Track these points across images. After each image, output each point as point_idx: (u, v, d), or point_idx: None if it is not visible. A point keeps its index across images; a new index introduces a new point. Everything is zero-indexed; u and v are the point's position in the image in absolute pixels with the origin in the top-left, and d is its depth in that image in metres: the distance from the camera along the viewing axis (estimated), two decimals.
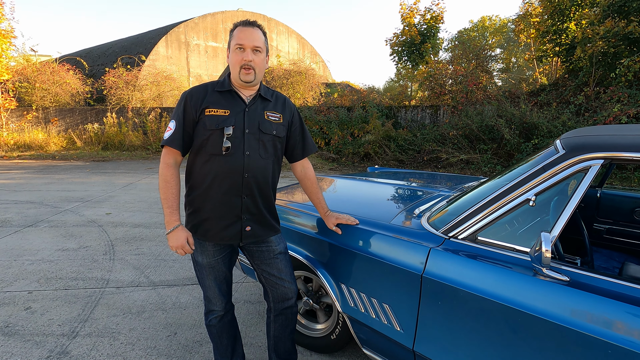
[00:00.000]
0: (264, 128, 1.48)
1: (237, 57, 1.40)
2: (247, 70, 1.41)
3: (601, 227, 2.22)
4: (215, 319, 1.60)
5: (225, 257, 1.55)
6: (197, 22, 18.69)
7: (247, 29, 1.40)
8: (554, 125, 7.44)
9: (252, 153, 1.45)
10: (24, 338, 2.14)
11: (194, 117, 1.43)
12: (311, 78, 13.43)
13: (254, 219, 1.51)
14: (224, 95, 1.46)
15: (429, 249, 1.39)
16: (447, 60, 11.94)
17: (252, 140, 1.45)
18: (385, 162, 9.01)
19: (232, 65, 1.43)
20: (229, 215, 1.46)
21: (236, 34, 1.41)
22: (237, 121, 1.43)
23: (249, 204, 1.48)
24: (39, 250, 3.51)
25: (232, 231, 1.48)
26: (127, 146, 12.12)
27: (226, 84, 1.47)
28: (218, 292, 1.57)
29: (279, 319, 1.67)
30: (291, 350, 1.75)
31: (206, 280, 1.55)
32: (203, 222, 1.47)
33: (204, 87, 1.47)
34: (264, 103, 1.52)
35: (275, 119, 1.52)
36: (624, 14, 7.96)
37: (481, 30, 28.96)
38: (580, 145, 1.22)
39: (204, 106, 1.42)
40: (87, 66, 15.97)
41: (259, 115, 1.48)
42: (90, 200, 5.55)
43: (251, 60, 1.40)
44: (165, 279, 2.93)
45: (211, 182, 1.43)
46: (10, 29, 12.39)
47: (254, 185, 1.47)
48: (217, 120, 1.41)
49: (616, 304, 1.00)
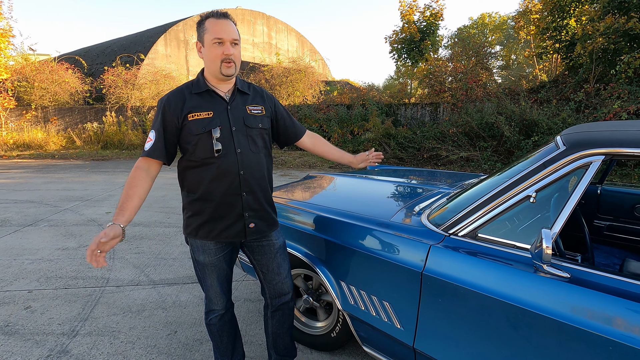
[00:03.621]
0: (250, 123, 1.47)
1: (216, 51, 1.36)
2: (228, 63, 1.38)
3: (602, 223, 2.21)
4: (215, 318, 1.59)
5: (227, 255, 1.54)
6: (196, 21, 18.63)
7: (222, 22, 1.36)
8: (554, 122, 7.43)
9: (244, 150, 1.44)
10: (24, 337, 2.14)
11: (177, 124, 1.39)
12: (310, 76, 13.41)
13: (257, 215, 1.50)
14: (203, 97, 1.43)
15: (429, 246, 1.39)
16: (446, 57, 11.91)
17: (241, 137, 1.44)
18: (385, 160, 8.99)
19: (211, 59, 1.38)
20: (231, 215, 1.46)
21: (211, 28, 1.35)
22: (222, 121, 1.41)
23: (250, 200, 1.47)
24: (39, 250, 3.51)
25: (236, 229, 1.47)
26: (127, 145, 12.12)
27: (202, 84, 1.43)
28: (219, 291, 1.56)
29: (277, 314, 1.68)
30: (290, 347, 1.76)
31: (208, 279, 1.53)
32: (205, 223, 1.46)
33: (180, 92, 1.43)
34: (244, 97, 1.51)
35: (258, 112, 1.51)
36: (624, 10, 7.94)
37: (481, 27, 28.93)
38: (581, 141, 1.22)
39: (185, 112, 1.38)
40: (86, 65, 15.95)
41: (241, 110, 1.47)
42: (90, 199, 5.54)
43: (232, 54, 1.37)
44: (165, 277, 2.93)
45: (208, 185, 1.41)
46: (8, 28, 12.38)
47: (252, 182, 1.46)
48: (202, 124, 1.38)
49: (617, 300, 1.00)
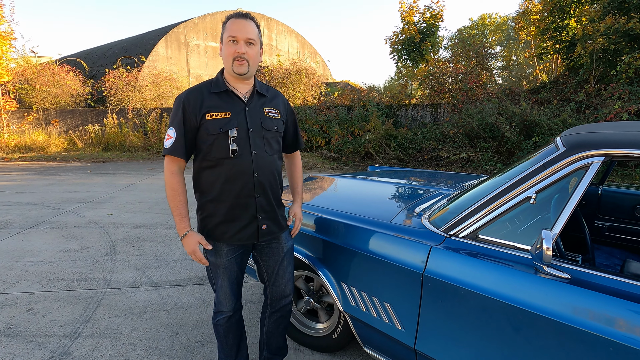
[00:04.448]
0: (267, 125, 1.48)
1: (230, 49, 1.38)
2: (240, 61, 1.38)
3: (602, 224, 2.21)
4: (223, 319, 1.58)
5: (238, 257, 1.53)
6: (196, 23, 18.69)
7: (240, 21, 1.37)
8: (555, 123, 7.42)
9: (259, 152, 1.45)
10: (26, 339, 2.14)
11: (195, 123, 1.39)
12: (311, 77, 13.41)
13: (269, 216, 1.52)
14: (222, 97, 1.43)
15: (429, 247, 1.39)
16: (447, 58, 11.92)
17: (257, 138, 1.45)
18: (386, 161, 8.99)
19: (225, 57, 1.40)
20: (245, 216, 1.46)
21: (229, 26, 1.37)
22: (239, 122, 1.41)
23: (263, 202, 1.48)
24: (41, 252, 3.51)
25: (249, 231, 1.48)
26: (128, 147, 12.13)
27: (221, 84, 1.44)
28: (229, 293, 1.55)
29: (275, 315, 1.69)
30: (282, 345, 1.78)
31: (219, 280, 1.53)
32: (218, 225, 1.46)
33: (199, 90, 1.43)
34: (262, 99, 1.51)
35: (274, 115, 1.52)
36: (624, 10, 7.93)
37: (481, 28, 28.94)
38: (581, 142, 1.22)
39: (204, 111, 1.38)
40: (87, 67, 15.99)
41: (259, 112, 1.47)
42: (92, 202, 5.56)
43: (244, 53, 1.37)
44: (166, 279, 2.93)
45: (222, 186, 1.42)
46: (10, 30, 12.41)
47: (265, 183, 1.47)
48: (220, 124, 1.38)
49: (618, 301, 1.00)
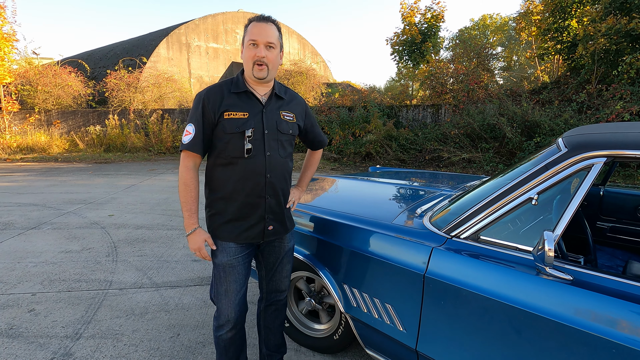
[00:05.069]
0: (282, 128, 1.49)
1: (250, 52, 1.38)
2: (260, 66, 1.39)
3: (604, 225, 2.20)
4: (225, 334, 1.53)
5: (245, 257, 1.52)
6: (197, 24, 18.72)
7: (261, 24, 1.38)
8: (556, 123, 7.41)
9: (273, 153, 1.46)
10: (28, 340, 2.15)
11: (213, 120, 1.41)
12: (312, 78, 13.43)
13: (276, 218, 1.53)
14: (241, 97, 1.44)
15: (431, 248, 1.39)
16: (448, 59, 11.90)
17: (272, 140, 1.46)
18: (387, 162, 8.99)
19: (246, 60, 1.41)
20: (253, 217, 1.47)
21: (250, 29, 1.38)
22: (256, 123, 1.43)
23: (273, 204, 1.49)
24: (42, 253, 3.52)
25: (256, 231, 1.49)
26: (129, 148, 12.16)
27: (241, 84, 1.45)
28: (233, 299, 1.49)
29: (270, 309, 1.70)
30: (281, 343, 1.79)
31: (223, 283, 1.49)
32: (226, 223, 1.47)
33: (219, 89, 1.44)
34: (279, 102, 1.52)
35: (290, 119, 1.53)
36: (626, 10, 7.92)
37: (482, 28, 28.94)
38: (583, 143, 1.22)
39: (222, 109, 1.40)
40: (89, 68, 16.05)
41: (275, 115, 1.49)
42: (93, 202, 5.56)
43: (264, 57, 1.37)
44: (168, 280, 2.94)
45: (234, 184, 1.43)
46: (12, 32, 12.44)
47: (277, 185, 1.48)
48: (237, 124, 1.40)
49: (620, 302, 1.00)
